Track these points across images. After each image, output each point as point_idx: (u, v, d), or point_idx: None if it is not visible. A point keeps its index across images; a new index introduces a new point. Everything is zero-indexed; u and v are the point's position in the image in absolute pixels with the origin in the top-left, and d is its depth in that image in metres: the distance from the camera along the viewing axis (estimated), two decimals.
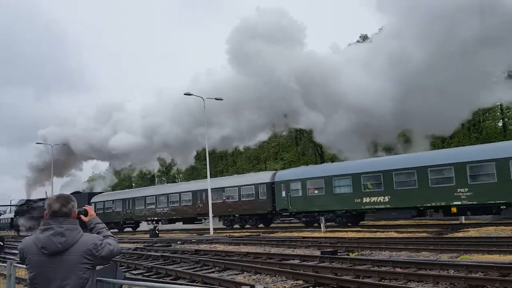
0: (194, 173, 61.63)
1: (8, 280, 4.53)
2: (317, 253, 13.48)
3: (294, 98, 33.63)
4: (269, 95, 34.30)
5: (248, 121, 36.80)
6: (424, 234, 18.02)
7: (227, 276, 10.57)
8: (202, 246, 18.66)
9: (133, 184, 75.95)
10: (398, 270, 9.84)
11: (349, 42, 48.58)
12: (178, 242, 21.62)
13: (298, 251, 14.62)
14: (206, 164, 30.52)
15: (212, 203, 30.08)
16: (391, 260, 10.89)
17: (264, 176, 30.03)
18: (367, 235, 18.81)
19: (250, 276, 10.45)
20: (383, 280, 8.93)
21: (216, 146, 40.57)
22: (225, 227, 31.68)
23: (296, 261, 12.10)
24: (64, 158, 53.74)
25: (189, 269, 12.15)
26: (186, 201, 34.41)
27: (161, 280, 10.45)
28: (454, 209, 20.91)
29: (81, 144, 51.02)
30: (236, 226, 31.26)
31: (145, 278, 10.96)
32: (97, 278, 3.05)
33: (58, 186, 64.73)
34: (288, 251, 14.86)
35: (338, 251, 13.53)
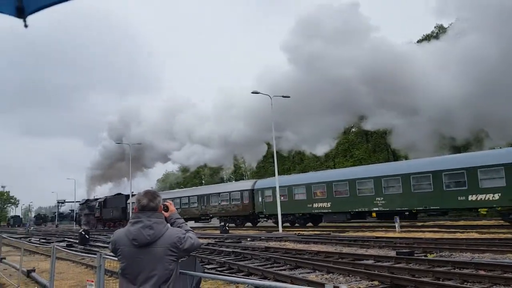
0: (261, 171, 62.17)
1: (98, 271, 4.84)
2: (392, 253, 13.01)
3: (364, 98, 32.82)
4: (337, 95, 33.74)
5: (316, 123, 36.57)
6: (509, 235, 16.70)
7: (299, 274, 10.51)
8: (272, 244, 18.75)
9: (203, 182, 78.26)
10: (482, 272, 9.23)
11: (423, 34, 46.46)
12: (248, 239, 21.91)
13: (372, 251, 14.19)
14: (272, 162, 31.21)
15: (211, 206, 37.05)
16: (473, 262, 10.23)
17: (247, 184, 35.90)
18: (446, 235, 17.82)
19: (323, 275, 10.31)
20: (465, 283, 8.43)
21: (286, 148, 40.93)
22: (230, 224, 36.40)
23: (370, 261, 11.74)
24: (137, 157, 56.96)
25: (260, 265, 12.25)
26: (192, 203, 40.70)
27: (234, 275, 10.64)
28: (374, 214, 25.84)
29: (153, 151, 54.45)
30: (232, 224, 36.02)
31: (219, 273, 11.21)
32: (180, 270, 3.15)
33: (105, 190, 70.10)
34: (361, 251, 14.47)
35: (415, 251, 12.96)
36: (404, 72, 31.33)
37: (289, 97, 29.07)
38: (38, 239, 31.87)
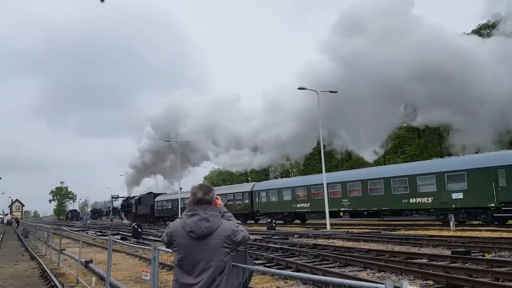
0: (307, 168, 61.69)
1: (153, 262, 4.96)
2: (447, 252, 12.50)
3: (415, 95, 31.71)
4: (386, 92, 32.85)
5: (364, 121, 35.89)
6: None
7: (349, 272, 10.32)
8: (320, 241, 18.57)
9: (249, 179, 78.80)
10: None
11: (479, 23, 44.21)
12: (295, 236, 21.83)
13: (425, 250, 13.71)
14: (319, 159, 31.24)
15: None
16: None
17: (247, 186, 41.98)
18: (505, 234, 16.89)
19: (374, 273, 10.06)
20: None
21: (337, 146, 40.76)
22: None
23: (424, 260, 11.33)
24: (183, 154, 58.67)
25: (309, 262, 12.15)
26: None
27: (284, 270, 10.61)
28: (341, 213, 30.76)
29: (197, 153, 56.05)
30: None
31: (268, 269, 11.21)
32: (232, 263, 3.17)
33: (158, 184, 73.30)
34: (414, 250, 14.01)
35: (471, 251, 12.38)
36: (458, 67, 29.92)
37: (336, 92, 28.49)
38: (94, 232, 33.40)
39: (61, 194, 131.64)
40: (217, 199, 3.38)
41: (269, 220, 30.56)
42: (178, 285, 2.95)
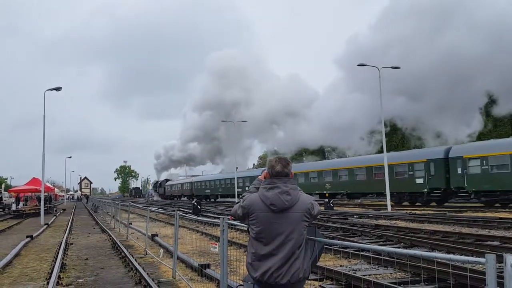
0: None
1: (221, 234, 5.04)
2: None
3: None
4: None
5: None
6: None
7: None
8: (382, 222, 18.13)
9: (304, 159, 78.32)
10: None
11: None
12: (355, 216, 21.47)
13: (496, 233, 12.97)
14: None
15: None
16: None
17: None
18: None
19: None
20: None
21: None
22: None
23: (496, 243, 10.73)
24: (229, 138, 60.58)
25: (372, 242, 11.91)
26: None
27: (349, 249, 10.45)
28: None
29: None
30: None
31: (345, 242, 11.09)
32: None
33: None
34: (483, 232, 13.29)
35: None
36: None
37: (399, 68, 27.34)
38: (156, 208, 34.88)
39: (125, 173, 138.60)
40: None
41: (326, 199, 30.26)
42: (256, 257, 2.91)
